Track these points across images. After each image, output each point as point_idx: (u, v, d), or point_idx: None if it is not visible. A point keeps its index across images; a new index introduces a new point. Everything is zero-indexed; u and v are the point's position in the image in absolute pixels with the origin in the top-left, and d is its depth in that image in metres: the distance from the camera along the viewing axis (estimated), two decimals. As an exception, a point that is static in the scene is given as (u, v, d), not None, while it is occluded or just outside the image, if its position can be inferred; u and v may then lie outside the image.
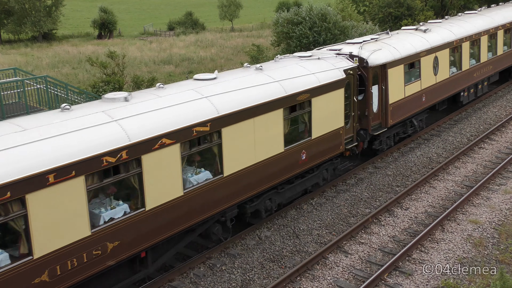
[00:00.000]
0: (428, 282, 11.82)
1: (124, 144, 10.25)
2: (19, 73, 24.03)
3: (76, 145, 9.69)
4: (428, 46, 20.76)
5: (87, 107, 11.39)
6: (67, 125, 10.07)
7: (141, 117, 10.93)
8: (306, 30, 33.11)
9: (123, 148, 10.20)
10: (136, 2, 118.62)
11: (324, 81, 15.28)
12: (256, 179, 13.43)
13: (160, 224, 11.21)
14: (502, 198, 15.84)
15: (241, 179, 12.97)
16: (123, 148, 10.20)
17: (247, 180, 13.15)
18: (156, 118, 11.14)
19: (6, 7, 62.20)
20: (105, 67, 28.94)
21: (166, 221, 11.30)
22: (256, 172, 13.32)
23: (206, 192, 12.15)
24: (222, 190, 12.53)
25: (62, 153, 9.43)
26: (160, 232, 11.27)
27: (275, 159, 13.87)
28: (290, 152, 14.34)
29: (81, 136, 9.90)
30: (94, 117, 10.53)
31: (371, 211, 15.48)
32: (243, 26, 76.52)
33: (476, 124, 23.10)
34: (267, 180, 13.81)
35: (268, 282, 12.08)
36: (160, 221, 11.17)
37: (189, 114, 11.65)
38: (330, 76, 15.64)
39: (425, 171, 18.30)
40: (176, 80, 35.94)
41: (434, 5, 48.94)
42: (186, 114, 11.60)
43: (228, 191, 12.69)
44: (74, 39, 66.47)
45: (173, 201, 11.40)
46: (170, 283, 12.07)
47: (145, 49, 53.79)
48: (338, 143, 16.31)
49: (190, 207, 11.79)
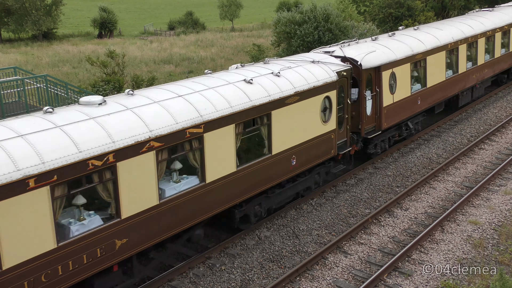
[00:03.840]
0: (427, 282, 11.82)
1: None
2: (19, 72, 24.03)
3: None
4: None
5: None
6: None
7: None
8: (311, 30, 33.18)
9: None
10: (136, 2, 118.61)
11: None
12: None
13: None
14: (502, 199, 15.84)
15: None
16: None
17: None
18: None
19: (6, 6, 62.15)
20: (105, 66, 28.92)
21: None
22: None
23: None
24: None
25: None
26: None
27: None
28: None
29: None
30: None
31: (371, 211, 15.47)
32: (243, 26, 76.51)
33: (476, 125, 23.09)
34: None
35: (267, 282, 12.07)
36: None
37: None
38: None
39: (425, 172, 18.29)
40: (176, 79, 35.91)
41: (435, 6, 48.92)
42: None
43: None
44: (75, 38, 66.43)
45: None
46: (170, 282, 12.06)
47: (146, 48, 53.77)
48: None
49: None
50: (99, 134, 10.05)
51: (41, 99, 21.39)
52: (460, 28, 23.83)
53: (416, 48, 20.03)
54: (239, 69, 14.88)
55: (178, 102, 11.82)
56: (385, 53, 18.56)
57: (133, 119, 10.77)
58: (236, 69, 14.80)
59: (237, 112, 12.58)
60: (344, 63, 16.85)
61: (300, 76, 14.79)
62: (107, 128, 10.21)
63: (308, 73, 15.05)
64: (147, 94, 11.97)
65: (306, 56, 17.24)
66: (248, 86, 13.32)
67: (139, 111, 11.04)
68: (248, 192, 13.32)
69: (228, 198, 12.79)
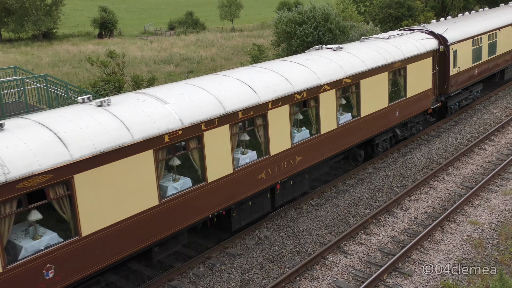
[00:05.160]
0: (427, 282, 11.82)
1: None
2: (19, 72, 24.01)
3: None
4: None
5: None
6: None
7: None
8: (310, 30, 33.18)
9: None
10: (136, 2, 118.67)
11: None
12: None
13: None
14: (502, 199, 15.84)
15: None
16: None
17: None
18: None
19: (6, 6, 62.17)
20: (106, 66, 28.93)
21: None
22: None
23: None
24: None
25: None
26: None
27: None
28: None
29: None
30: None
31: (371, 211, 15.48)
32: (243, 26, 76.56)
33: (476, 125, 23.10)
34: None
35: (267, 282, 12.07)
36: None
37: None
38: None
39: (425, 172, 18.30)
40: (176, 79, 35.94)
41: (435, 6, 48.91)
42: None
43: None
44: (75, 38, 66.46)
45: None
46: (170, 282, 12.07)
47: (146, 48, 53.79)
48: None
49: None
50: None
51: (41, 99, 21.38)
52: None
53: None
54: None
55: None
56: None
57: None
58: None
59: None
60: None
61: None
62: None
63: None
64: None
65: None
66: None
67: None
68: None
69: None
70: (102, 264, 10.25)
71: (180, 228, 11.75)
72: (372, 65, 17.44)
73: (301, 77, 14.84)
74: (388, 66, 18.13)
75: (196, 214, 12.05)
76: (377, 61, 17.73)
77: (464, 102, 24.99)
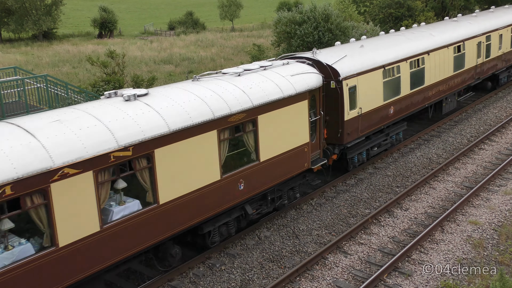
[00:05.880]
0: (427, 282, 11.82)
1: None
2: (19, 72, 24.01)
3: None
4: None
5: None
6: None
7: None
8: (310, 30, 33.18)
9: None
10: (136, 2, 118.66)
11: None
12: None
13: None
14: (502, 199, 15.85)
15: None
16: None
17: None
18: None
19: (6, 6, 62.16)
20: (106, 66, 28.93)
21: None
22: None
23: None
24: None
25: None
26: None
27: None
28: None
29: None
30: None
31: (371, 211, 15.48)
32: (243, 26, 76.55)
33: (476, 125, 23.10)
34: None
35: (267, 282, 12.08)
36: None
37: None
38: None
39: (425, 172, 18.30)
40: (176, 80, 35.93)
41: (435, 6, 48.91)
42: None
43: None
44: (75, 38, 66.43)
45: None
46: (170, 282, 12.07)
47: (146, 48, 53.77)
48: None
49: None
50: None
51: (41, 99, 21.39)
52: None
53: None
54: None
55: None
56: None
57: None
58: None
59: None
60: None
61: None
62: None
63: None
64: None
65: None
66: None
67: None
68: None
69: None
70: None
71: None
72: (183, 123, 11.39)
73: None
74: (218, 121, 12.21)
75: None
76: (196, 117, 11.70)
77: (377, 149, 19.14)
